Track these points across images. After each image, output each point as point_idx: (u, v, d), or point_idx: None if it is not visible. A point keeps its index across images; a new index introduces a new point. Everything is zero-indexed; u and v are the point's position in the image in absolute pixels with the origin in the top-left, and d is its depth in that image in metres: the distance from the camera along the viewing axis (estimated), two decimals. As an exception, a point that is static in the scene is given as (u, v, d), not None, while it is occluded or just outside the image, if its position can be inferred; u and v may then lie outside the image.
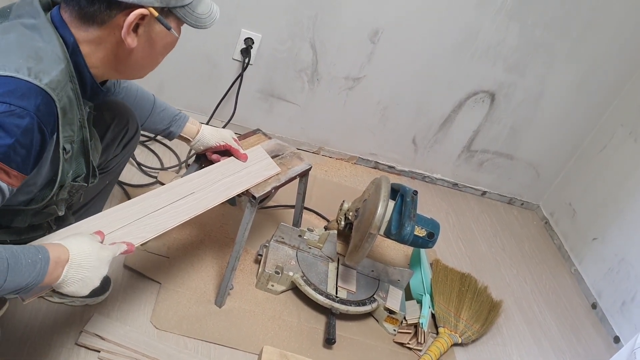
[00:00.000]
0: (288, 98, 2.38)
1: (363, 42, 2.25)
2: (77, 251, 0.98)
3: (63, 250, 0.97)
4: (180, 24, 1.05)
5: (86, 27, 0.96)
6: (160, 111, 1.47)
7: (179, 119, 1.50)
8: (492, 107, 2.48)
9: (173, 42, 1.08)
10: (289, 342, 1.64)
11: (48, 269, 0.92)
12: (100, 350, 1.41)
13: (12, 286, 0.88)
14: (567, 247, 2.57)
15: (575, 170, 2.66)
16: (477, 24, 2.24)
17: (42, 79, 0.89)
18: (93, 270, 1.00)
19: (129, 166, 2.04)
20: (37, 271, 0.90)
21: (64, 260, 0.96)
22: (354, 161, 2.61)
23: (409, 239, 1.68)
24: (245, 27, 2.17)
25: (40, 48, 0.92)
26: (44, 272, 0.92)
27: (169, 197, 1.33)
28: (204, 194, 1.40)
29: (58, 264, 0.95)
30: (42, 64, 0.90)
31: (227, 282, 1.63)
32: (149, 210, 1.27)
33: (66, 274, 0.96)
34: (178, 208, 1.32)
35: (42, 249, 0.93)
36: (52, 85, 0.90)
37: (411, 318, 1.81)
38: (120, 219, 1.21)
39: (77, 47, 0.97)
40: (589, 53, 2.36)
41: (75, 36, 0.96)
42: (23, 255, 0.89)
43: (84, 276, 0.98)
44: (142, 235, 1.21)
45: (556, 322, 2.18)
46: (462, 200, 2.68)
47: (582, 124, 2.57)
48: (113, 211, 1.22)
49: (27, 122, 0.87)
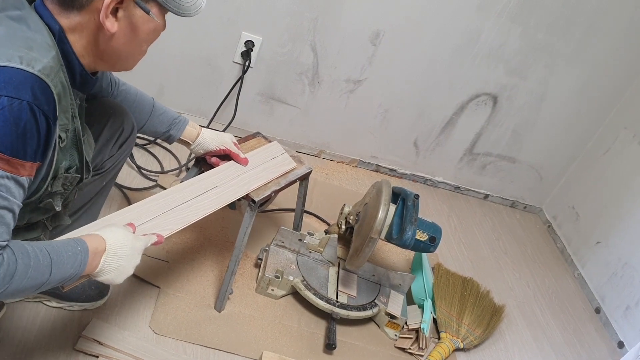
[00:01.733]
0: (289, 101, 2.37)
1: (364, 45, 2.24)
2: (113, 241, 1.05)
3: (100, 241, 1.04)
4: (163, 10, 1.04)
5: (67, 13, 0.96)
6: (159, 114, 1.46)
7: (179, 122, 1.49)
8: (494, 110, 2.47)
9: (156, 29, 1.06)
10: (289, 347, 1.63)
11: (88, 260, 1.00)
12: (99, 356, 1.40)
13: (58, 278, 0.95)
14: (570, 250, 2.56)
15: (578, 174, 2.64)
16: (478, 27, 2.23)
17: (34, 66, 0.89)
18: (128, 259, 1.07)
19: (129, 170, 2.04)
20: (78, 262, 0.98)
21: (102, 251, 1.03)
22: (355, 164, 2.60)
23: (410, 244, 1.67)
24: (245, 29, 2.16)
25: (29, 38, 0.92)
26: (85, 262, 0.99)
27: (192, 191, 1.41)
28: (225, 189, 1.48)
29: (96, 254, 1.02)
30: (33, 52, 0.90)
31: (227, 286, 1.61)
32: (174, 203, 1.35)
33: (103, 263, 1.03)
34: (201, 202, 1.40)
35: (80, 241, 1.00)
36: (45, 71, 0.90)
37: (413, 323, 1.79)
38: (149, 212, 1.28)
39: (64, 34, 0.96)
40: (591, 55, 2.34)
41: (60, 24, 0.96)
42: (64, 249, 0.97)
43: (120, 265, 1.06)
44: (169, 227, 1.28)
45: (559, 327, 2.16)
46: (464, 204, 2.67)
47: (585, 126, 2.56)
48: (141, 204, 1.29)
49: (27, 112, 0.87)
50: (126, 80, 2.17)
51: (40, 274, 0.92)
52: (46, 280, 0.94)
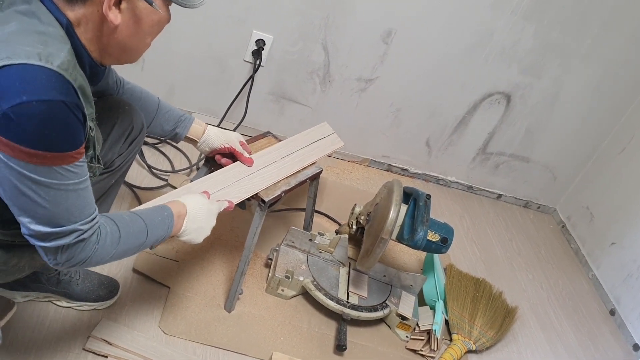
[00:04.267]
0: (299, 100, 2.35)
1: (376, 43, 2.22)
2: (192, 206, 1.21)
3: (181, 206, 1.19)
4: (167, 2, 1.02)
5: (72, 5, 0.95)
6: (165, 112, 1.46)
7: (185, 120, 1.49)
8: (507, 109, 2.44)
9: (160, 21, 1.05)
10: (299, 348, 1.62)
11: (174, 223, 1.15)
12: (108, 356, 1.40)
13: (152, 240, 1.11)
14: (585, 251, 2.52)
15: (593, 173, 2.60)
16: (491, 25, 2.20)
17: (53, 62, 0.88)
18: (205, 220, 1.23)
19: (140, 169, 2.04)
20: (166, 225, 1.13)
21: (184, 214, 1.18)
22: (366, 164, 2.58)
23: (421, 244, 1.66)
24: (256, 28, 2.15)
25: (42, 32, 0.91)
26: (172, 225, 1.15)
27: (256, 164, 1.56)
28: (283, 163, 1.63)
29: (179, 217, 1.17)
30: (50, 47, 0.90)
31: (237, 286, 1.61)
32: (242, 175, 1.51)
33: (186, 225, 1.18)
34: (265, 174, 1.56)
35: (166, 207, 1.16)
36: (63, 66, 0.89)
37: (424, 324, 1.78)
38: (219, 182, 1.45)
39: (71, 27, 0.96)
40: (606, 54, 2.31)
41: (67, 17, 0.95)
42: (154, 215, 1.13)
43: (198, 226, 1.21)
44: (239, 195, 1.44)
45: (573, 329, 2.13)
46: (476, 204, 2.64)
47: (600, 125, 2.52)
48: (213, 175, 1.47)
49: (63, 108, 0.88)
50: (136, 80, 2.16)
51: (138, 238, 1.08)
52: (143, 242, 1.09)
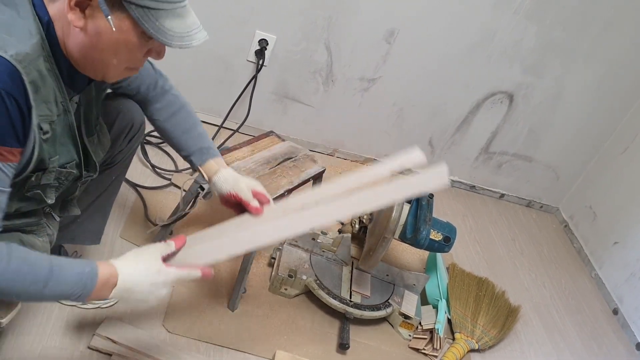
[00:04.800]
0: (302, 100, 2.36)
1: (378, 43, 2.22)
2: (127, 277, 0.99)
3: (113, 273, 0.98)
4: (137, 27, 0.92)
5: (53, 1, 0.93)
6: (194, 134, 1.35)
7: (205, 152, 1.33)
8: (510, 108, 2.45)
9: (124, 43, 0.94)
10: (302, 347, 1.62)
11: (95, 286, 0.95)
12: (112, 354, 1.40)
13: (54, 291, 0.91)
14: (587, 251, 2.52)
15: (595, 173, 2.60)
16: (494, 25, 2.20)
17: (7, 51, 0.86)
18: (145, 294, 1.02)
19: (143, 168, 2.04)
20: (81, 283, 0.93)
21: (112, 284, 0.97)
22: (369, 163, 2.59)
23: (424, 243, 1.66)
24: (259, 28, 2.16)
25: (11, 23, 0.90)
26: (91, 288, 0.94)
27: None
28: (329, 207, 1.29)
29: (106, 285, 0.97)
30: (12, 37, 0.88)
31: (240, 285, 1.61)
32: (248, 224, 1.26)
33: (114, 295, 0.98)
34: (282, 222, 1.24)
35: (90, 264, 0.96)
36: (18, 57, 0.88)
37: (427, 323, 1.78)
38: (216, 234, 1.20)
39: (52, 25, 0.94)
40: (608, 53, 2.31)
41: (49, 14, 0.93)
42: (71, 266, 0.94)
43: (136, 299, 1.01)
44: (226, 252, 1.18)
45: (576, 328, 2.13)
46: (479, 203, 2.64)
47: (603, 125, 2.52)
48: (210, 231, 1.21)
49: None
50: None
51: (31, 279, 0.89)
52: (39, 288, 0.90)
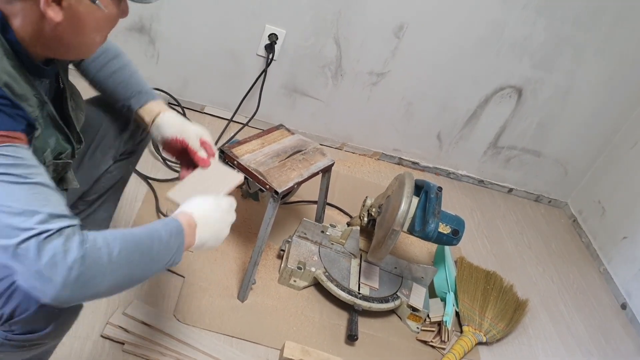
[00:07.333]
0: (311, 94, 2.37)
1: (387, 37, 2.23)
2: (201, 213, 1.05)
3: (189, 218, 1.03)
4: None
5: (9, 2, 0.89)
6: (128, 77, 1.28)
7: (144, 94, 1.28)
8: (519, 103, 2.44)
9: (109, 18, 0.95)
10: (311, 338, 1.64)
11: (185, 238, 0.99)
12: (125, 342, 1.43)
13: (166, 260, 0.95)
14: (596, 245, 2.52)
15: (604, 168, 2.60)
16: (503, 19, 2.20)
17: None
18: (220, 222, 1.09)
19: (154, 161, 2.06)
20: (177, 244, 0.97)
21: (193, 225, 1.03)
22: (377, 157, 2.59)
23: (433, 236, 1.67)
24: (269, 22, 2.17)
25: None
26: (182, 241, 0.98)
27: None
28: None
29: (190, 229, 1.02)
30: None
31: (250, 277, 1.63)
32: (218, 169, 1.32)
33: (200, 235, 1.04)
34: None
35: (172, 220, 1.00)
36: None
37: (435, 316, 1.79)
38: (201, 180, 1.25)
39: (7, 22, 0.90)
40: (618, 47, 2.30)
41: (3, 12, 0.89)
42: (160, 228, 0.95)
43: (213, 231, 1.07)
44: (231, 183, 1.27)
45: (584, 323, 2.13)
46: (487, 198, 2.65)
47: (612, 119, 2.52)
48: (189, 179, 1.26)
49: None
50: (151, 72, 2.19)
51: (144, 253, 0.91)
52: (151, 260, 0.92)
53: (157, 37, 2.18)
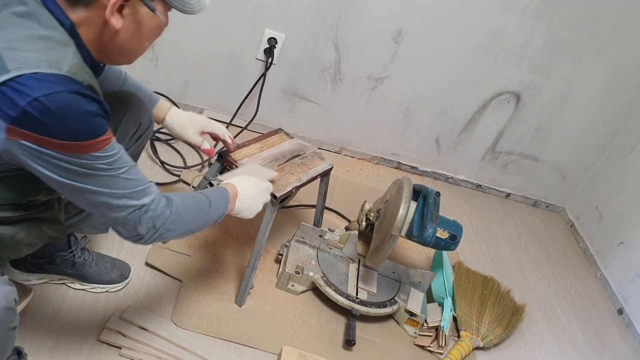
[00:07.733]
0: (310, 98, 2.37)
1: (386, 42, 2.23)
2: (243, 187, 1.34)
3: (233, 187, 1.32)
4: (167, 8, 1.04)
5: (74, 8, 0.95)
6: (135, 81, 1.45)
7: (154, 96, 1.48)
8: (517, 108, 2.45)
9: (160, 27, 1.07)
10: (309, 343, 1.64)
11: (229, 199, 1.29)
12: (122, 347, 1.42)
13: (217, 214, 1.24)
14: (593, 251, 2.53)
15: (602, 173, 2.61)
16: (502, 24, 2.21)
17: (62, 68, 0.89)
18: (256, 198, 1.37)
19: (153, 164, 2.06)
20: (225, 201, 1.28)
21: (236, 194, 1.32)
22: (376, 161, 2.60)
23: (430, 241, 1.67)
24: (268, 27, 2.17)
25: (46, 37, 0.91)
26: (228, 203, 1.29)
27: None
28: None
29: (233, 196, 1.31)
30: (56, 52, 0.90)
31: (248, 281, 1.63)
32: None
33: (238, 204, 1.32)
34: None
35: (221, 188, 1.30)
36: (72, 70, 0.90)
37: (432, 321, 1.79)
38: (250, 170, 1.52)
39: (75, 29, 0.96)
40: (616, 53, 2.31)
41: (70, 19, 0.95)
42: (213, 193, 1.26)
43: (249, 204, 1.35)
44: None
45: (581, 328, 2.14)
46: (485, 202, 2.65)
47: (610, 125, 2.52)
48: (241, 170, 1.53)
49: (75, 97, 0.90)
50: (150, 76, 2.21)
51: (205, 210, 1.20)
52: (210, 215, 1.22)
53: (156, 41, 2.17)
